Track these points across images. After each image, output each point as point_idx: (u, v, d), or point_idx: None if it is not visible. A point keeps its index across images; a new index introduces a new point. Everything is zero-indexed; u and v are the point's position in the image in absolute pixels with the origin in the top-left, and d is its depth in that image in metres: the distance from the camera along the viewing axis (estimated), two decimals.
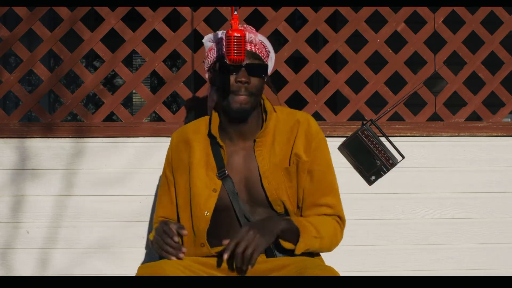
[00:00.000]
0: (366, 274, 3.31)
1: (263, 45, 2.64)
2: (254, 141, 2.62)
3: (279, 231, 2.48)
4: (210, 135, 2.66)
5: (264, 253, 2.55)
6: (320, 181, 2.63)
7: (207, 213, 2.58)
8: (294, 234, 2.52)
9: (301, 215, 2.64)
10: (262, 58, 2.61)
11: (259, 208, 2.60)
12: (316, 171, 2.63)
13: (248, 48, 2.58)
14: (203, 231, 2.59)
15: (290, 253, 2.52)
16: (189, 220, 2.63)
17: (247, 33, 2.59)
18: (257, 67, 2.59)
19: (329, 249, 2.63)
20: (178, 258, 2.46)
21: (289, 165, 2.61)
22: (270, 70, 2.72)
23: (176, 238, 2.46)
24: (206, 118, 2.74)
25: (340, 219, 2.67)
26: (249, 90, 2.56)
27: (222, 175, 2.60)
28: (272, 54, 2.71)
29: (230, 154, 2.64)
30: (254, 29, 2.66)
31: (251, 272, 2.48)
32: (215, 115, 2.67)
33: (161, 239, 2.48)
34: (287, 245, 2.52)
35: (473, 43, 3.61)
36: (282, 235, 2.50)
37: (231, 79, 2.56)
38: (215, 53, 2.64)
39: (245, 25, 2.65)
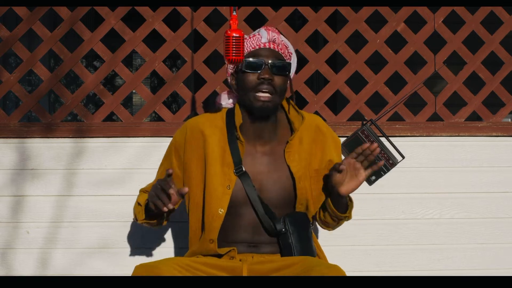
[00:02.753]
0: (366, 274, 3.31)
1: (285, 46, 2.65)
2: (287, 142, 2.63)
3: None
4: (229, 129, 2.65)
5: (280, 252, 2.57)
6: None
7: (221, 211, 2.58)
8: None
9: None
10: (284, 58, 2.62)
11: (276, 209, 2.61)
12: None
13: (272, 47, 2.60)
14: (216, 228, 2.58)
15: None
16: (200, 216, 2.63)
17: (270, 32, 2.61)
18: (280, 65, 2.59)
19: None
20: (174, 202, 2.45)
21: (320, 167, 2.66)
22: (292, 73, 2.71)
23: (172, 190, 2.42)
24: (222, 112, 2.72)
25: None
26: (272, 88, 2.57)
27: (240, 171, 2.59)
28: (294, 56, 2.71)
29: (246, 153, 2.63)
30: (277, 30, 2.67)
31: (255, 271, 2.48)
32: (238, 109, 2.65)
33: (159, 187, 2.45)
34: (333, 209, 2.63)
35: (473, 43, 3.61)
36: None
37: (254, 77, 2.57)
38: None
39: (268, 26, 2.66)
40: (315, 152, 2.68)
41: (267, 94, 2.56)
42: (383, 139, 3.34)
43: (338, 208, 2.63)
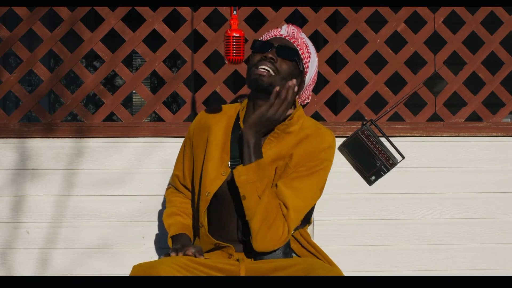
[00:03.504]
0: (366, 274, 3.31)
1: (305, 44, 2.63)
2: (273, 130, 2.56)
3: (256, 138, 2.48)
4: (237, 118, 2.65)
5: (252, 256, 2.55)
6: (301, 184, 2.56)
7: (208, 194, 2.56)
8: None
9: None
10: (299, 52, 2.58)
11: None
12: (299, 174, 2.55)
13: (284, 37, 2.60)
14: (202, 211, 2.57)
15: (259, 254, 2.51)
16: (196, 199, 2.65)
17: (290, 26, 2.62)
18: (286, 48, 2.55)
19: (252, 216, 2.47)
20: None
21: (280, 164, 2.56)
22: (310, 77, 2.65)
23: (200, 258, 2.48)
24: (241, 103, 2.72)
25: (286, 220, 2.50)
26: (273, 67, 2.53)
27: (235, 165, 2.55)
28: (314, 58, 2.67)
29: None
30: (299, 27, 2.66)
31: (252, 271, 2.48)
32: (245, 100, 2.66)
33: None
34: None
35: (473, 43, 3.61)
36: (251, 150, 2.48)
37: (259, 56, 2.55)
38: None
39: (289, 23, 2.65)
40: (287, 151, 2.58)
41: (265, 69, 2.52)
42: (383, 139, 3.34)
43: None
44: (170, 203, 2.78)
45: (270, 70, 2.53)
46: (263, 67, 2.53)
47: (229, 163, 2.58)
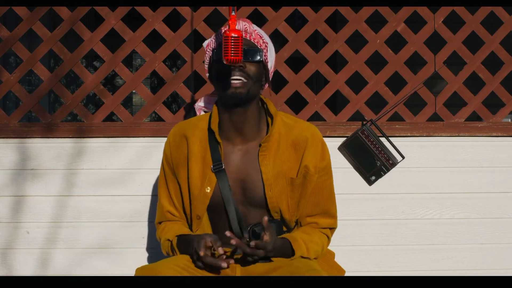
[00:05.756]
0: (366, 274, 3.31)
1: (259, 35, 2.59)
2: (260, 145, 2.57)
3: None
4: (209, 130, 2.62)
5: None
6: (322, 190, 2.65)
7: (199, 217, 2.58)
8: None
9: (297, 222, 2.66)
10: (258, 46, 2.55)
11: (254, 211, 2.58)
12: (320, 183, 2.64)
13: (243, 36, 2.54)
14: (194, 231, 2.61)
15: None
16: (188, 217, 2.65)
17: (240, 22, 2.57)
18: (252, 51, 2.52)
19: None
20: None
21: (296, 176, 2.59)
22: (271, 65, 2.64)
23: (219, 251, 2.43)
24: (207, 115, 2.69)
25: (330, 233, 2.69)
26: (244, 74, 2.50)
27: (218, 168, 2.56)
28: (271, 46, 2.64)
29: (227, 153, 2.59)
30: (249, 20, 2.63)
31: (249, 272, 2.48)
32: (215, 110, 2.62)
33: (199, 256, 2.44)
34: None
35: (473, 43, 3.61)
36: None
37: (226, 66, 2.50)
38: (211, 46, 2.61)
39: (239, 19, 2.61)
40: (294, 160, 2.60)
41: (239, 81, 2.49)
42: (383, 139, 3.34)
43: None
44: (170, 231, 2.70)
45: (243, 78, 2.51)
46: (236, 77, 2.50)
47: (212, 167, 2.57)
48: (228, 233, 2.39)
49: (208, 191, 2.56)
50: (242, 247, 2.39)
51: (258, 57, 2.53)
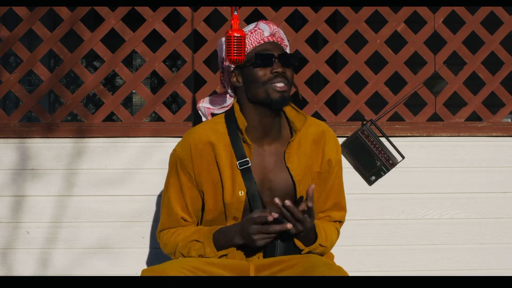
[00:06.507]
0: (366, 274, 3.31)
1: (282, 38, 2.64)
2: (289, 143, 2.59)
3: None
4: (231, 133, 2.59)
5: (264, 251, 2.55)
6: (338, 184, 2.71)
7: (236, 218, 2.58)
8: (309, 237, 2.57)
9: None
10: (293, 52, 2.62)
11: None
12: (338, 177, 2.70)
13: (274, 40, 2.58)
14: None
15: (292, 250, 2.54)
16: (222, 222, 2.62)
17: (271, 26, 2.59)
18: (289, 57, 2.56)
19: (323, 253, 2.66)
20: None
21: (321, 169, 2.63)
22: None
23: (271, 218, 2.43)
24: (219, 117, 2.66)
25: (339, 227, 2.75)
26: (286, 80, 2.54)
27: (244, 165, 2.55)
28: (288, 49, 2.70)
29: (255, 154, 2.59)
30: (274, 23, 2.67)
31: (260, 271, 2.48)
32: (238, 111, 2.59)
33: (262, 229, 2.45)
34: (298, 243, 2.54)
35: (473, 43, 3.61)
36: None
37: (266, 71, 2.52)
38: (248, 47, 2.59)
39: (264, 20, 2.63)
40: (316, 155, 2.63)
41: (284, 85, 2.53)
42: (383, 139, 3.35)
43: (302, 241, 2.56)
44: (192, 233, 2.66)
45: (286, 85, 2.54)
46: (281, 84, 2.53)
47: (237, 164, 2.56)
48: (276, 200, 2.40)
49: (242, 194, 2.56)
50: (294, 211, 2.41)
51: (295, 63, 2.59)
